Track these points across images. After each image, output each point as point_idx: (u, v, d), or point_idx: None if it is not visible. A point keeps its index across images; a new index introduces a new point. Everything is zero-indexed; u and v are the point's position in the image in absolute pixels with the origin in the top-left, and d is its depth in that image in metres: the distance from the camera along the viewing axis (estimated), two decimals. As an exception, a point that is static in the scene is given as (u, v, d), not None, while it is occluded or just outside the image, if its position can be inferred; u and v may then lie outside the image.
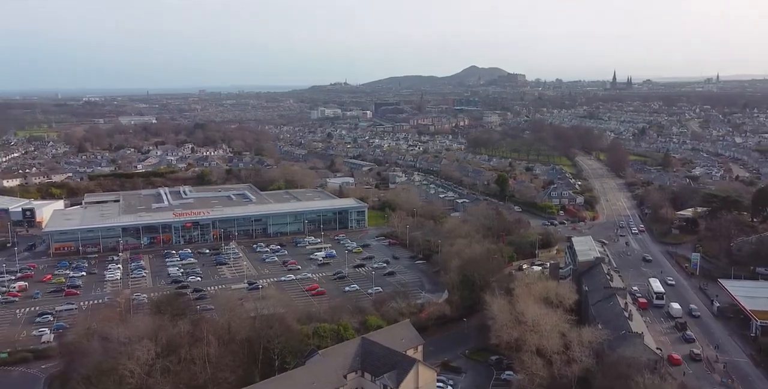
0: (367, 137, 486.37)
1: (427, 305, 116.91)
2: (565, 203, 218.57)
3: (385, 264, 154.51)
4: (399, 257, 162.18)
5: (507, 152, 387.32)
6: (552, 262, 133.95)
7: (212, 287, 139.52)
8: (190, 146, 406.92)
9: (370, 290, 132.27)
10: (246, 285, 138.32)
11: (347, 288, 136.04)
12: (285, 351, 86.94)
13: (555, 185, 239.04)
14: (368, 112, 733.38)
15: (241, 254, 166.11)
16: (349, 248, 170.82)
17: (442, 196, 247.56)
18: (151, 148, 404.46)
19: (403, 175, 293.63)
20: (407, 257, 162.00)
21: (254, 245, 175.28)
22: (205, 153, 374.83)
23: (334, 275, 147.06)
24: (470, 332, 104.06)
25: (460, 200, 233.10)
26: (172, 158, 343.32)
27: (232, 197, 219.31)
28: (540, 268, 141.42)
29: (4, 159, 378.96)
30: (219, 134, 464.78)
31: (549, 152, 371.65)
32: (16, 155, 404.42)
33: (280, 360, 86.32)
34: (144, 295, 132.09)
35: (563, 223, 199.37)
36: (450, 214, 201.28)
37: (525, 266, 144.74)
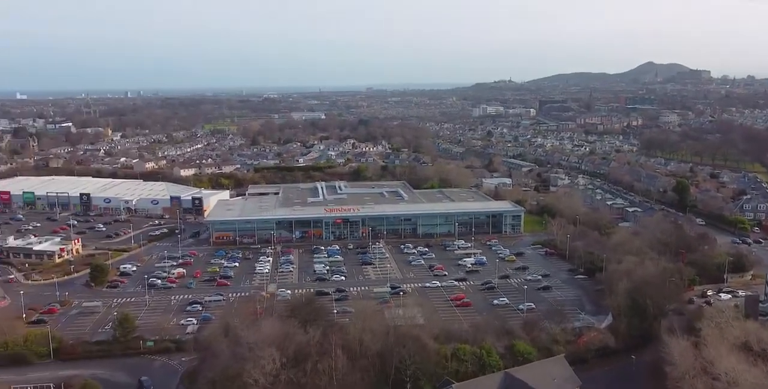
0: (529, 136, 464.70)
1: (586, 331, 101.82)
2: (761, 218, 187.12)
3: (540, 277, 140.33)
4: (556, 269, 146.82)
5: (687, 155, 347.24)
6: (748, 293, 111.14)
7: (355, 288, 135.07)
8: (352, 141, 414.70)
9: (521, 306, 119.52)
10: (389, 289, 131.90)
11: (496, 301, 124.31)
12: (419, 372, 78.29)
13: (748, 196, 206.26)
14: (532, 110, 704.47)
15: (387, 255, 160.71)
16: (501, 255, 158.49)
17: (609, 203, 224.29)
18: (315, 142, 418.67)
19: (566, 177, 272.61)
20: (566, 271, 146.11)
21: (402, 246, 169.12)
22: (364, 149, 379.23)
23: (482, 284, 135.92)
24: (640, 371, 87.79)
25: (630, 209, 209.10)
26: (333, 153, 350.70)
27: (385, 194, 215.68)
28: (730, 297, 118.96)
29: (188, 150, 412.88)
30: (380, 131, 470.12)
31: (739, 156, 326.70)
32: (199, 146, 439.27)
33: (412, 383, 77.93)
34: (288, 291, 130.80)
35: (759, 242, 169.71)
36: (618, 224, 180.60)
37: (710, 293, 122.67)
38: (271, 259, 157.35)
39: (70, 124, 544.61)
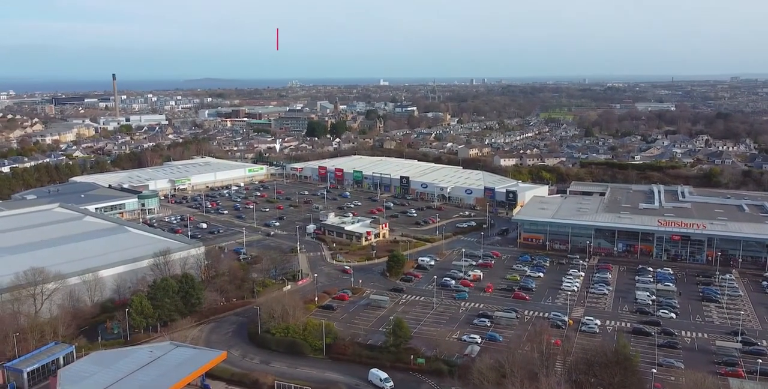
0: None
1: None
2: None
3: None
4: None
5: None
6: None
7: (688, 334, 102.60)
8: (705, 138, 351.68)
9: None
10: (739, 345, 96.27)
11: None
12: None
13: None
14: None
15: (741, 292, 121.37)
16: None
17: None
18: (658, 137, 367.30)
19: None
20: None
21: (764, 283, 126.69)
22: (720, 148, 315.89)
23: None
24: None
25: None
26: (679, 151, 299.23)
27: (745, 207, 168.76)
28: None
29: (517, 138, 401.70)
30: (744, 126, 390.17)
31: None
32: (529, 134, 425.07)
33: None
34: (596, 322, 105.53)
35: None
36: None
37: None
38: (582, 274, 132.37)
39: (414, 108, 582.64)
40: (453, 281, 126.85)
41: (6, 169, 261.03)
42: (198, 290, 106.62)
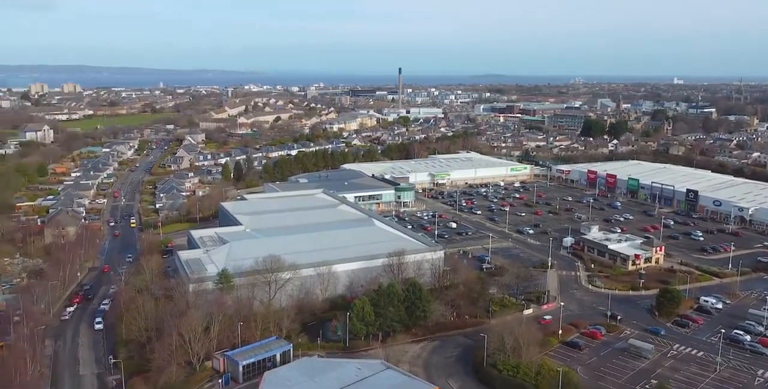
0: None
1: None
2: None
3: None
4: None
5: None
6: None
7: None
8: None
9: None
10: None
11: None
12: None
13: None
14: None
15: None
16: None
17: None
18: None
19: None
20: None
21: None
22: None
23: None
24: None
25: None
26: None
27: None
28: None
29: None
30: None
31: None
32: None
33: None
34: None
35: None
36: None
37: None
38: None
39: (713, 110, 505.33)
40: (748, 337, 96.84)
41: (294, 152, 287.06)
42: (425, 301, 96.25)
